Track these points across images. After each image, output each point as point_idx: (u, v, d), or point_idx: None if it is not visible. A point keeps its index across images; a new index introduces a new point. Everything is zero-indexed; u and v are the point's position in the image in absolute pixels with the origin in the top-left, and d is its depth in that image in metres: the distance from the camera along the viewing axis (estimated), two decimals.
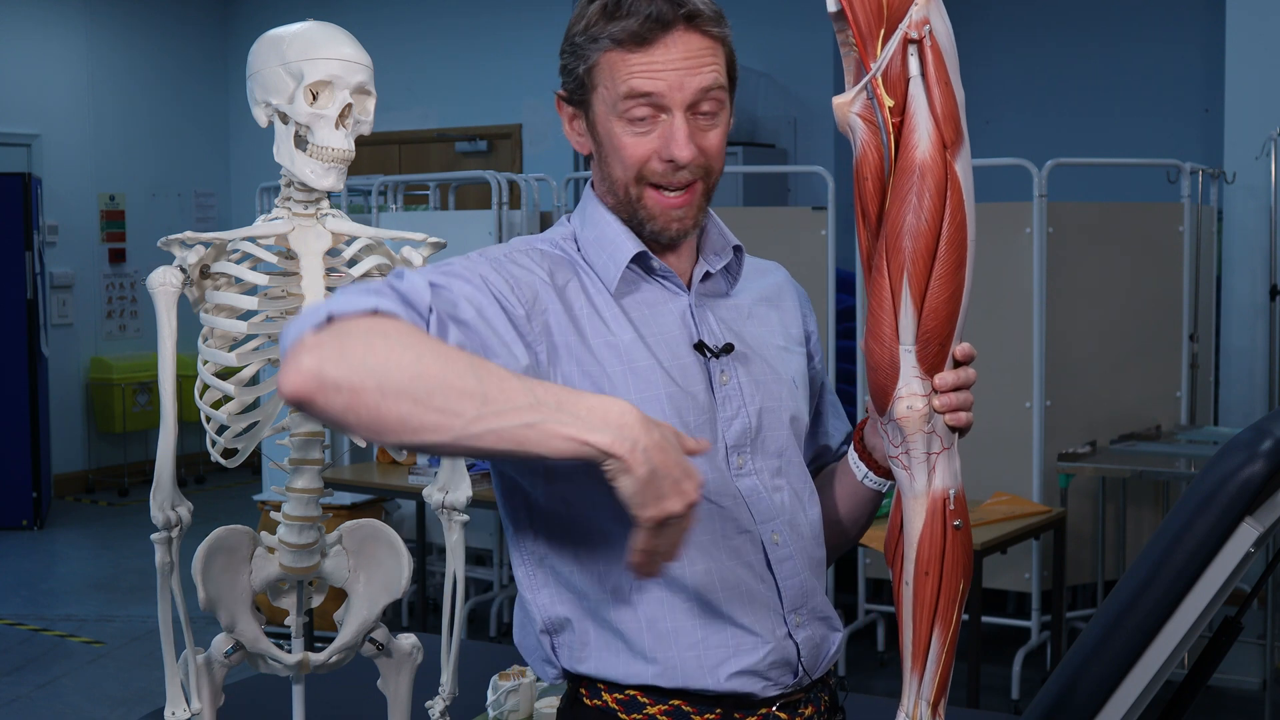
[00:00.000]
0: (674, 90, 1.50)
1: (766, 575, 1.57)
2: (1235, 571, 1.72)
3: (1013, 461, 5.03)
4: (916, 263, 1.43)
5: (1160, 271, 5.23)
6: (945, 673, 1.50)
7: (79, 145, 9.12)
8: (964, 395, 1.49)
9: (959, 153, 1.42)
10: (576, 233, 1.62)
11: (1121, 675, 1.77)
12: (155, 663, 3.58)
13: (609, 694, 1.56)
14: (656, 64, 1.50)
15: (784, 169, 7.27)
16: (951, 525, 1.48)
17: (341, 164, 2.30)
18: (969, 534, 1.51)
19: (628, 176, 1.55)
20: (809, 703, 1.62)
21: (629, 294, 1.58)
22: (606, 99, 1.53)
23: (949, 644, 1.50)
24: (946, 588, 1.49)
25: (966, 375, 1.49)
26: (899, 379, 1.47)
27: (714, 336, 1.61)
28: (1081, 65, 7.70)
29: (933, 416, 1.47)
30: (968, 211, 1.43)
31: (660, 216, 1.56)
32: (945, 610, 1.49)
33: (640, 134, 1.52)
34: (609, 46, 1.51)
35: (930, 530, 1.48)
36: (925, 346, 1.46)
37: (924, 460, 1.48)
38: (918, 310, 1.44)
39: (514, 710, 2.87)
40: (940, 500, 1.48)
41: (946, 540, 1.48)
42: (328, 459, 2.49)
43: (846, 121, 1.47)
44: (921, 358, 1.46)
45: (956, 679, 4.89)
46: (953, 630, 1.50)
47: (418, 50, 8.92)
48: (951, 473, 1.50)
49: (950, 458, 1.49)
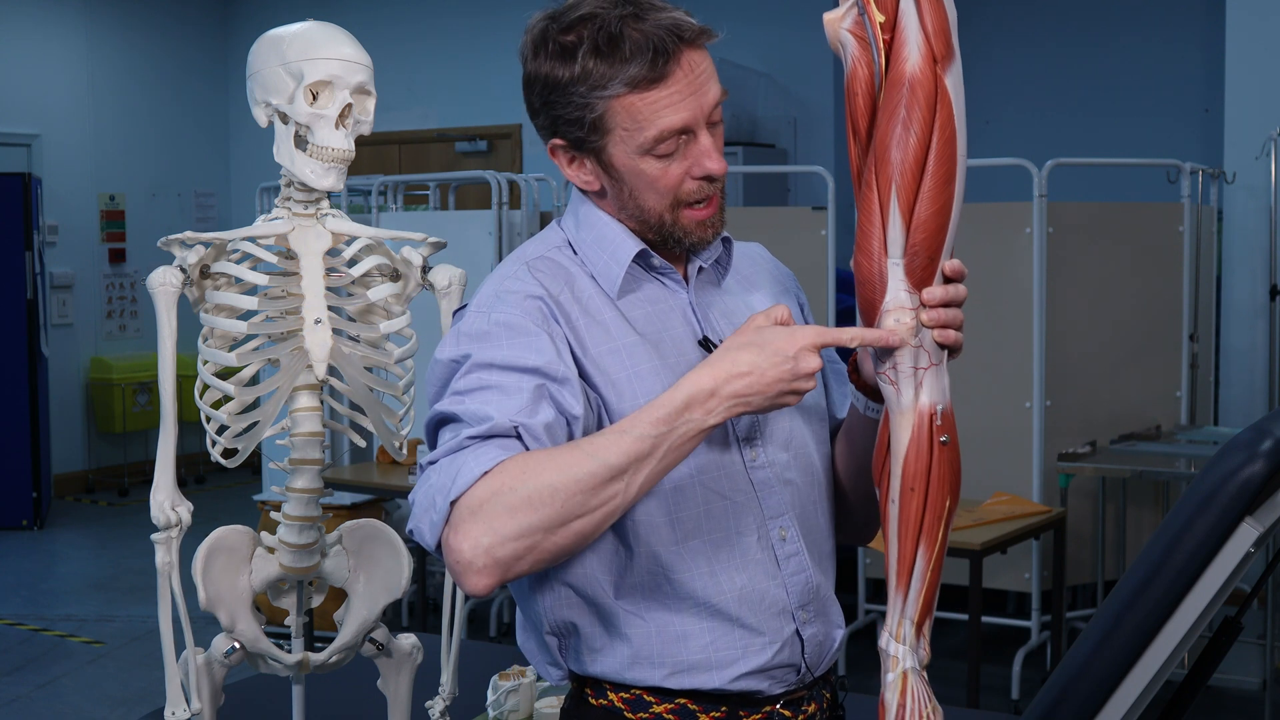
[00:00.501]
0: (698, 115, 1.51)
1: (775, 573, 1.57)
2: (1235, 571, 1.72)
3: (1013, 461, 5.03)
4: (905, 175, 1.42)
5: (1160, 271, 5.23)
6: (930, 592, 1.49)
7: (79, 145, 9.12)
8: (953, 312, 1.47)
9: (949, 68, 1.42)
10: (570, 237, 1.61)
11: (1121, 675, 1.77)
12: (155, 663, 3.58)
13: (615, 693, 1.56)
14: (675, 94, 1.49)
15: (784, 169, 7.27)
16: (938, 441, 1.46)
17: (341, 164, 2.30)
18: (956, 450, 1.49)
19: (663, 205, 1.55)
20: (812, 699, 1.62)
21: (630, 293, 1.58)
22: (630, 141, 1.51)
23: (934, 563, 1.48)
24: (933, 504, 1.47)
25: (956, 291, 1.47)
26: (886, 292, 1.46)
27: (716, 331, 1.61)
28: (1081, 65, 7.70)
29: (920, 331, 1.46)
30: (958, 126, 1.42)
31: (696, 230, 1.56)
32: (931, 527, 1.48)
33: (668, 164, 1.52)
34: (622, 91, 1.49)
35: (916, 445, 1.46)
36: (913, 260, 1.44)
37: (911, 375, 1.47)
38: (906, 223, 1.44)
39: (514, 710, 2.87)
40: (927, 415, 1.47)
41: (933, 456, 1.47)
42: (328, 459, 2.49)
43: (837, 38, 1.46)
44: (909, 271, 1.45)
45: (956, 679, 4.89)
46: (938, 548, 1.48)
47: (418, 50, 8.92)
48: (940, 389, 1.48)
49: (939, 374, 1.47)
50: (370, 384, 2.38)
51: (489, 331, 1.49)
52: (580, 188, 1.60)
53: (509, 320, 1.49)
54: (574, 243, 1.61)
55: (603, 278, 1.57)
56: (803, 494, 1.61)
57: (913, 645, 1.49)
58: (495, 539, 1.34)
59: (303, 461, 2.37)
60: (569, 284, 1.55)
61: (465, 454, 1.38)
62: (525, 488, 1.35)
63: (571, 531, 1.36)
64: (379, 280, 2.43)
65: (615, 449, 1.37)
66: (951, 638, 5.54)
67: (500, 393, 1.43)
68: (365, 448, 5.33)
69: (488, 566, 1.35)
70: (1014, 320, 5.01)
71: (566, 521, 1.36)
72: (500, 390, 1.43)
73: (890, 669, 1.49)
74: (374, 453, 5.76)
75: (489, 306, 1.52)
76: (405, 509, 5.91)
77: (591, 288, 1.57)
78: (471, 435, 1.40)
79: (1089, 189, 6.70)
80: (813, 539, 1.62)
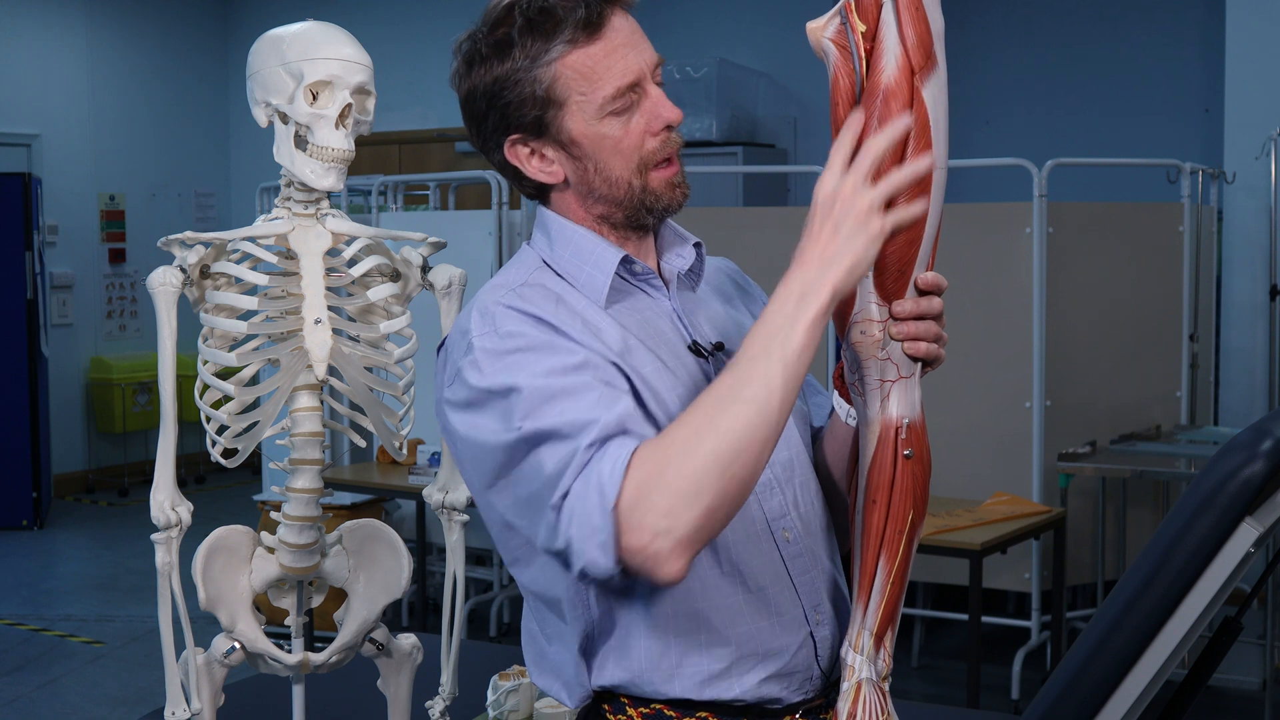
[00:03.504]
0: (645, 66, 1.52)
1: (783, 574, 1.57)
2: (1235, 571, 1.72)
3: (1013, 461, 5.03)
4: None
5: (1160, 271, 5.23)
6: (891, 605, 1.48)
7: (79, 145, 9.12)
8: (925, 325, 1.46)
9: (928, 78, 1.41)
10: (545, 254, 1.59)
11: (1121, 675, 1.77)
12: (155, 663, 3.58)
13: (634, 708, 1.54)
14: (620, 48, 1.50)
15: (784, 169, 7.27)
16: (902, 454, 1.46)
17: (341, 164, 2.30)
18: (923, 465, 1.48)
19: (629, 168, 1.53)
20: (829, 706, 1.61)
21: (616, 303, 1.56)
22: (587, 106, 1.50)
23: (895, 575, 1.48)
24: (894, 517, 1.47)
25: (928, 304, 1.46)
26: (855, 303, 1.46)
27: (703, 337, 1.60)
28: (1081, 65, 7.69)
29: (888, 343, 1.46)
30: (934, 138, 1.41)
31: (666, 192, 1.55)
32: (892, 540, 1.47)
33: (626, 121, 1.52)
34: (564, 51, 1.49)
35: (881, 458, 1.47)
36: (882, 272, 1.44)
37: (877, 387, 1.47)
38: None
39: (514, 710, 2.88)
40: (892, 428, 1.46)
41: (896, 469, 1.46)
42: (328, 459, 2.49)
43: (820, 46, 1.46)
44: (878, 284, 1.44)
45: (956, 679, 4.89)
46: (899, 561, 1.47)
47: (418, 50, 8.92)
48: (908, 402, 1.47)
49: (908, 387, 1.47)
50: (370, 384, 2.38)
51: (510, 349, 1.45)
52: (544, 181, 1.57)
53: (519, 330, 1.46)
54: (550, 261, 1.58)
55: (588, 289, 1.55)
56: (801, 494, 1.61)
57: (870, 656, 1.49)
58: (670, 520, 1.32)
59: (303, 461, 2.37)
60: (559, 302, 1.53)
61: (593, 466, 1.35)
62: (672, 457, 1.33)
63: (736, 476, 1.33)
64: (379, 280, 2.43)
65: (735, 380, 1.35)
66: (951, 638, 5.55)
67: (572, 398, 1.40)
68: (365, 448, 5.33)
69: (676, 548, 1.33)
70: (1014, 320, 5.01)
71: (725, 467, 1.33)
72: (570, 395, 1.40)
73: (846, 678, 1.50)
74: (374, 453, 5.76)
75: (491, 324, 1.48)
76: (405, 509, 5.92)
77: (581, 299, 1.55)
78: (588, 445, 1.36)
79: (1089, 189, 6.69)
80: (815, 538, 1.61)
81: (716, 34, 7.79)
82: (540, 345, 1.44)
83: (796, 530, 1.59)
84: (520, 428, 1.40)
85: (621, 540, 1.33)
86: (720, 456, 1.33)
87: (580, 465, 1.36)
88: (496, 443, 1.42)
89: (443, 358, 1.54)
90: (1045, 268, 4.98)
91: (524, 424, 1.40)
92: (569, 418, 1.38)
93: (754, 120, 7.87)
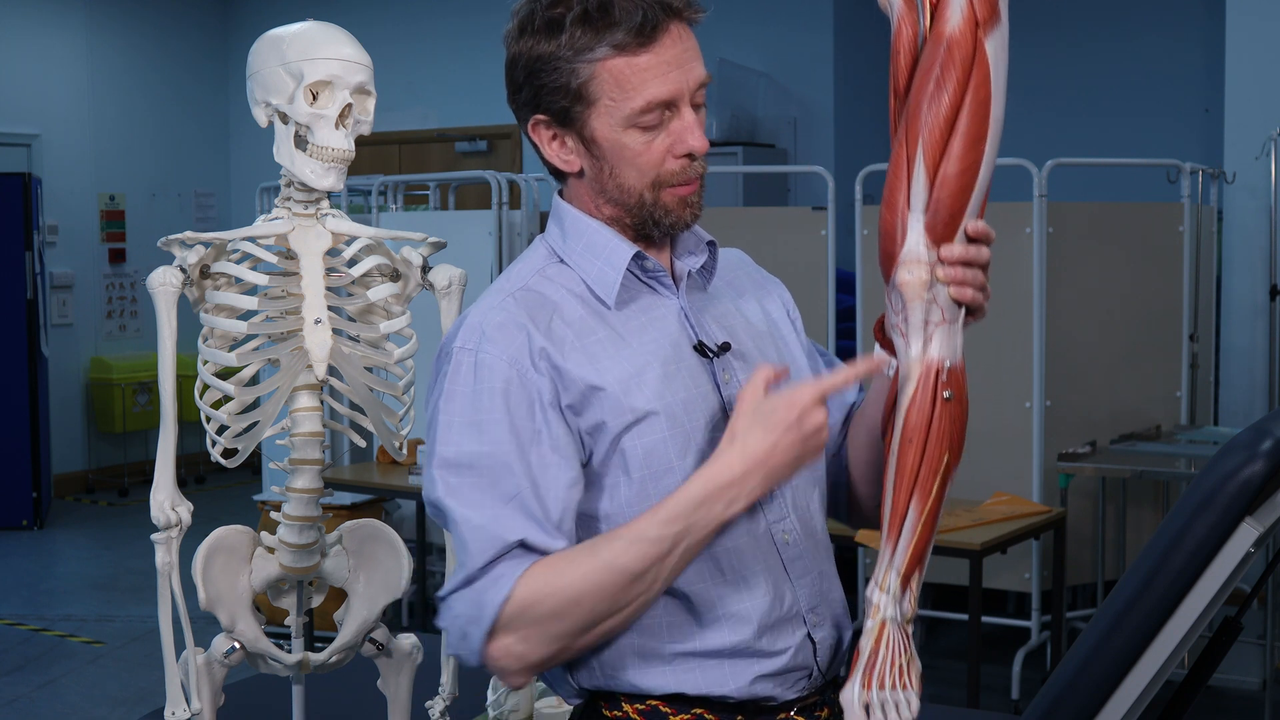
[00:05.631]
0: (684, 89, 1.51)
1: (783, 577, 1.57)
2: (1235, 571, 1.72)
3: (1013, 461, 5.03)
4: (934, 132, 1.44)
5: (1160, 271, 5.23)
6: (921, 546, 1.48)
7: (79, 145, 9.12)
8: (972, 272, 1.48)
9: (992, 32, 1.43)
10: (557, 247, 1.59)
11: (1121, 675, 1.77)
12: (155, 663, 3.58)
13: (629, 704, 1.54)
14: (662, 65, 1.49)
15: (784, 169, 7.27)
16: (941, 396, 1.47)
17: (341, 164, 2.30)
18: (961, 409, 1.49)
19: (644, 183, 1.53)
20: (824, 704, 1.61)
21: (625, 304, 1.57)
22: (614, 111, 1.50)
23: (926, 517, 1.48)
24: (930, 458, 1.47)
25: (978, 252, 1.48)
26: (904, 244, 1.47)
27: (710, 336, 1.60)
28: (1081, 65, 7.70)
29: (934, 285, 1.47)
30: (994, 90, 1.44)
31: (676, 209, 1.55)
32: (925, 480, 1.47)
33: (651, 137, 1.52)
34: (608, 55, 1.48)
35: (920, 398, 1.46)
36: (935, 216, 1.46)
37: (921, 328, 1.47)
38: (930, 179, 1.45)
39: (514, 710, 2.87)
40: (933, 370, 1.47)
41: (935, 409, 1.46)
42: (328, 459, 2.49)
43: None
44: (930, 227, 1.46)
45: (956, 679, 4.89)
46: (931, 503, 1.48)
47: (418, 50, 8.92)
48: (950, 346, 1.48)
49: (951, 332, 1.48)
50: (370, 384, 2.38)
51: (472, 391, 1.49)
52: (560, 168, 1.58)
53: (492, 364, 1.49)
54: (562, 253, 1.59)
55: (598, 285, 1.56)
56: (800, 496, 1.61)
57: (896, 596, 1.48)
58: (528, 647, 1.43)
59: (303, 461, 2.37)
60: (555, 314, 1.53)
61: (481, 584, 1.44)
62: (550, 601, 1.42)
63: (601, 631, 1.45)
64: (379, 280, 2.43)
65: (634, 555, 1.42)
66: (951, 638, 5.55)
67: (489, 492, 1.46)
68: (365, 448, 5.33)
69: (524, 670, 1.46)
70: (1014, 320, 5.01)
71: (594, 625, 1.44)
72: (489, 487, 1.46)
73: (870, 617, 1.48)
74: (374, 453, 5.76)
75: (475, 342, 1.51)
76: (405, 509, 5.92)
77: (579, 309, 1.55)
78: (483, 565, 1.44)
79: (1089, 189, 6.70)
80: (814, 540, 1.62)
81: (716, 34, 7.78)
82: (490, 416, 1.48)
83: (796, 533, 1.59)
84: (436, 487, 1.49)
85: (486, 648, 1.44)
86: (595, 615, 1.43)
87: (466, 579, 1.45)
88: (427, 478, 1.51)
89: (436, 354, 1.58)
90: (1045, 268, 4.98)
91: (439, 489, 1.48)
92: (474, 516, 1.45)
93: (754, 120, 7.87)
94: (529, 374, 1.49)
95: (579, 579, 1.42)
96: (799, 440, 1.43)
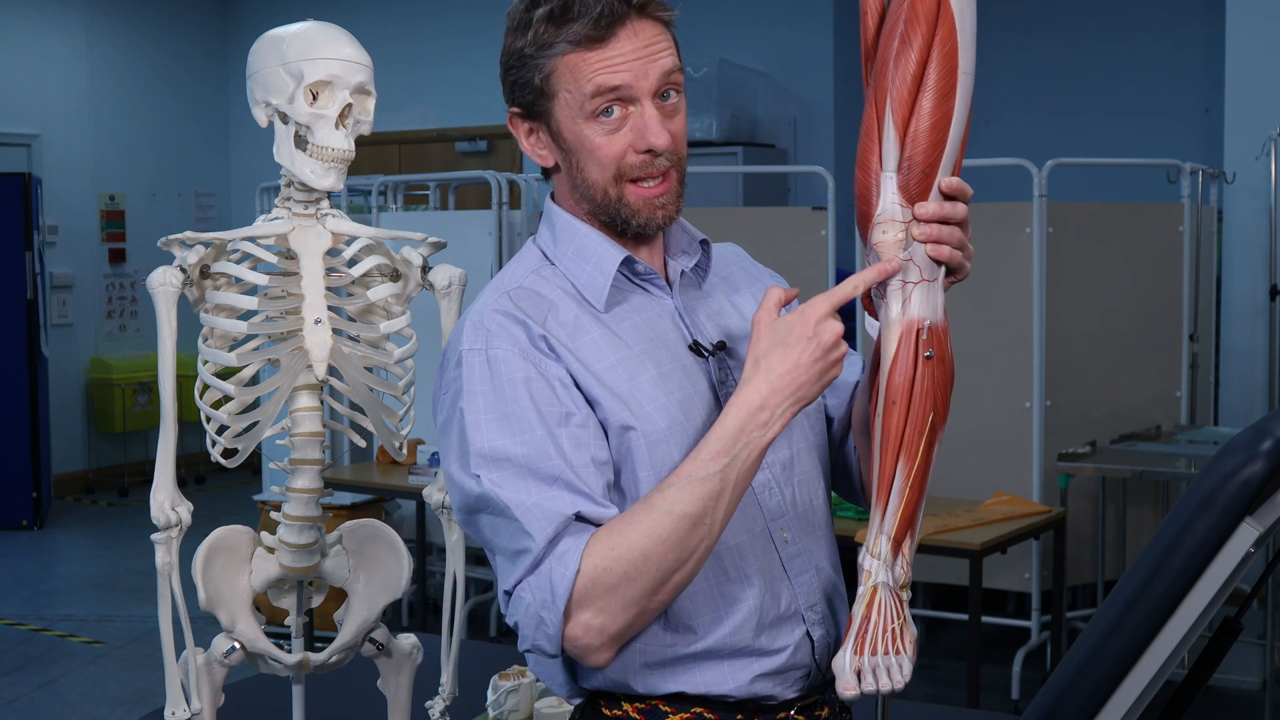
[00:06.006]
0: (639, 80, 1.51)
1: (782, 576, 1.57)
2: (1235, 571, 1.72)
3: (1013, 461, 5.03)
4: (901, 89, 1.43)
5: (1160, 271, 5.23)
6: (910, 509, 1.47)
7: (79, 145, 9.12)
8: (949, 229, 1.46)
9: None
10: (548, 250, 1.60)
11: (1121, 675, 1.77)
12: (155, 663, 3.58)
13: (629, 703, 1.54)
14: (618, 57, 1.50)
15: (784, 169, 7.27)
16: (923, 355, 1.46)
17: (341, 164, 2.30)
18: (945, 368, 1.48)
19: (605, 177, 1.54)
20: (825, 704, 1.61)
21: (617, 305, 1.57)
22: (571, 103, 1.52)
23: (914, 479, 1.46)
24: (914, 419, 1.46)
25: (953, 209, 1.46)
26: (878, 204, 1.46)
27: (705, 335, 1.60)
28: (1081, 65, 7.70)
29: (910, 244, 1.46)
30: (960, 43, 1.43)
31: (644, 209, 1.55)
32: (911, 442, 1.46)
33: (611, 131, 1.52)
34: (566, 50, 1.50)
35: (902, 358, 1.46)
36: (907, 174, 1.45)
37: (899, 288, 1.46)
38: (900, 137, 1.44)
39: (514, 710, 2.87)
40: (913, 328, 1.46)
41: (917, 370, 1.46)
42: (328, 459, 2.49)
43: None
44: (903, 186, 1.45)
45: (956, 679, 4.89)
46: (918, 464, 1.46)
47: (418, 50, 8.92)
48: (930, 305, 1.47)
49: (931, 290, 1.47)
50: (370, 384, 2.38)
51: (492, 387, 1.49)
52: (537, 161, 1.61)
53: (506, 358, 1.49)
54: (552, 256, 1.60)
55: (587, 289, 1.56)
56: (800, 493, 1.61)
57: (887, 561, 1.47)
58: (607, 618, 1.42)
59: (303, 461, 2.37)
60: (551, 312, 1.54)
61: (547, 565, 1.43)
62: (619, 564, 1.41)
63: (673, 585, 1.43)
64: (379, 280, 2.43)
65: (688, 498, 1.41)
66: (951, 638, 5.55)
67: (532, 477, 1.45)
68: (365, 448, 5.33)
69: (605, 644, 1.44)
70: (1014, 320, 5.01)
71: (665, 579, 1.42)
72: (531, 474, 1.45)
73: (862, 582, 1.48)
74: (374, 453, 5.76)
75: (483, 341, 1.51)
76: (405, 509, 5.92)
77: (574, 309, 1.55)
78: (546, 543, 1.43)
79: (1089, 189, 6.69)
80: (813, 536, 1.61)
81: (716, 34, 7.79)
82: (515, 407, 1.47)
83: (795, 530, 1.59)
84: (479, 482, 1.46)
85: (564, 630, 1.42)
86: (664, 569, 1.42)
87: (533, 563, 1.43)
88: (461, 482, 1.49)
89: (441, 360, 1.57)
90: (1045, 268, 4.98)
91: (484, 483, 1.46)
92: (526, 499, 1.44)
93: (754, 120, 7.87)
94: (542, 361, 1.50)
95: (642, 535, 1.41)
96: (820, 352, 1.42)
